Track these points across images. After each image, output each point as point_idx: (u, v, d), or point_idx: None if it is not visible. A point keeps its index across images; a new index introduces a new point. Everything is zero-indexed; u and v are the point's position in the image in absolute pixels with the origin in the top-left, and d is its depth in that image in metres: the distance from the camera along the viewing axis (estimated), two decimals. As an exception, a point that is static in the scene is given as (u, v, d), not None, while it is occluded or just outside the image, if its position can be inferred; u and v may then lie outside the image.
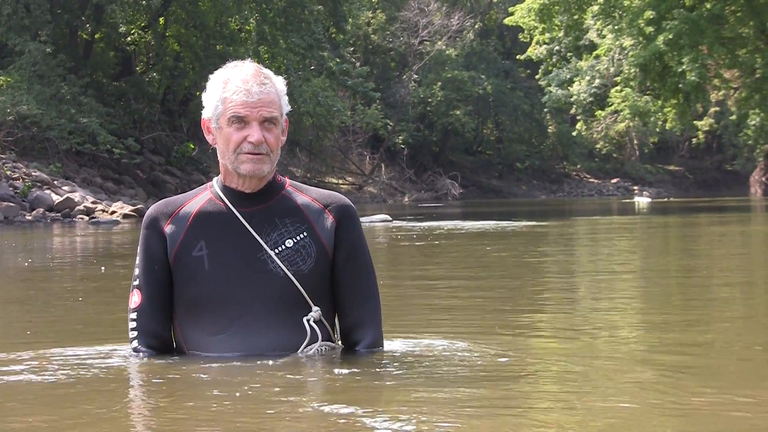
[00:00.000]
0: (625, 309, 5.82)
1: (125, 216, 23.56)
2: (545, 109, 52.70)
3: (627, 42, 32.77)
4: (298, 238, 3.45)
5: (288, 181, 3.57)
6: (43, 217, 22.91)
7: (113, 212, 23.84)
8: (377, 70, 52.85)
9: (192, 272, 3.43)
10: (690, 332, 4.71)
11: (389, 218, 20.37)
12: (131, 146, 29.80)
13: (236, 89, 3.40)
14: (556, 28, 35.96)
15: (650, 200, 37.48)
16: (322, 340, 3.45)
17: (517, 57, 45.87)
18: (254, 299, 3.40)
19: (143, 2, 34.07)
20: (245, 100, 3.38)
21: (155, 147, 33.83)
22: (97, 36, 34.96)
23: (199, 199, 3.52)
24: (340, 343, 3.55)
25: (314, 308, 3.44)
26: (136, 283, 3.51)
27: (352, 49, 49.78)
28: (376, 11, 53.68)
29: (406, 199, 46.83)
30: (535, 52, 41.05)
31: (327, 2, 37.91)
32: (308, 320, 3.43)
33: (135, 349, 3.51)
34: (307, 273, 3.43)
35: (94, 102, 29.95)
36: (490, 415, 2.78)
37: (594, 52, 38.32)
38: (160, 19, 35.10)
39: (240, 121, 3.39)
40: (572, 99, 41.19)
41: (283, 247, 3.43)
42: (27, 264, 10.43)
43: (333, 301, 3.52)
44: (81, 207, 23.78)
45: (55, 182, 25.42)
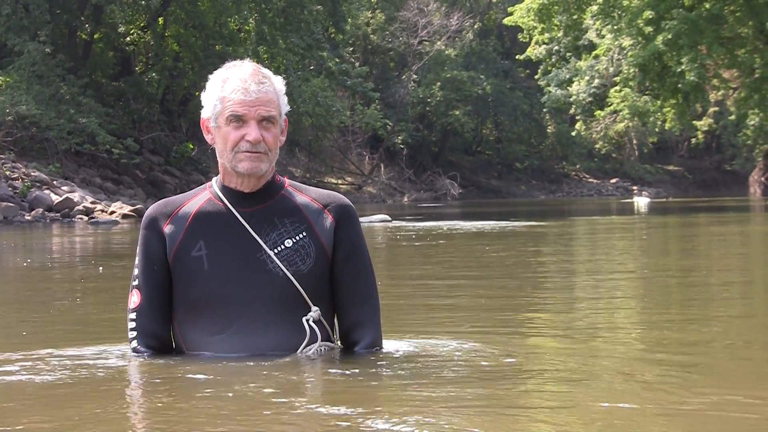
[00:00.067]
0: (624, 309, 5.82)
1: (124, 216, 23.55)
2: (544, 109, 52.70)
3: (626, 42, 32.78)
4: (298, 238, 3.44)
5: (287, 181, 3.57)
6: (42, 217, 22.90)
7: (112, 212, 23.84)
8: (376, 70, 52.86)
9: (191, 272, 3.43)
10: (690, 331, 4.70)
11: (388, 218, 20.36)
12: (130, 146, 29.79)
13: (234, 88, 3.39)
14: (556, 28, 35.97)
15: (649, 200, 37.47)
16: (322, 340, 3.44)
17: (517, 57, 45.86)
18: (253, 299, 3.40)
19: (142, 2, 34.08)
20: (243, 99, 3.38)
21: (154, 147, 33.84)
22: (96, 36, 34.96)
23: (199, 199, 3.52)
24: (339, 343, 3.55)
25: (313, 308, 3.44)
26: (135, 283, 3.50)
27: (351, 49, 49.78)
28: (376, 11, 53.69)
29: (406, 199, 46.84)
30: (534, 52, 41.03)
31: (326, 2, 37.91)
32: (307, 320, 3.42)
33: (134, 350, 3.51)
34: (306, 273, 3.42)
35: (93, 102, 29.94)
36: (490, 414, 2.78)
37: (593, 52, 38.31)
38: (160, 19, 35.10)
39: (238, 120, 3.39)
40: (571, 99, 41.17)
41: (283, 247, 3.43)
42: (26, 264, 10.43)
43: (332, 301, 3.51)
44: (80, 207, 23.76)
45: (55, 182, 25.42)
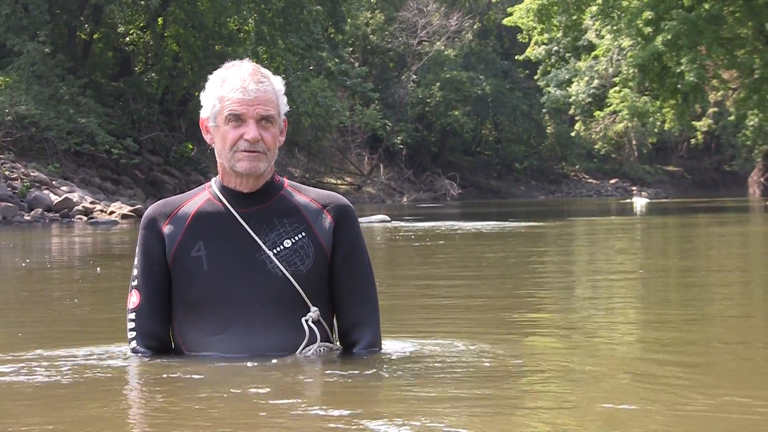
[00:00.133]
0: (624, 309, 5.82)
1: (124, 216, 23.54)
2: (544, 110, 52.64)
3: (626, 42, 32.78)
4: (297, 238, 3.44)
5: (287, 181, 3.57)
6: (41, 217, 22.89)
7: (112, 212, 23.82)
8: (376, 70, 52.85)
9: (190, 272, 3.42)
10: (689, 331, 4.70)
11: (388, 219, 20.36)
12: (130, 146, 29.77)
13: (233, 87, 3.39)
14: (555, 28, 35.96)
15: (648, 200, 37.48)
16: (321, 340, 3.44)
17: (516, 57, 45.83)
18: (253, 299, 3.40)
19: (142, 2, 34.07)
20: (242, 98, 3.38)
21: (154, 147, 33.83)
22: (95, 36, 34.94)
23: (198, 199, 3.52)
24: (338, 343, 3.54)
25: (312, 308, 3.43)
26: (134, 283, 3.50)
27: (350, 49, 49.77)
28: (375, 11, 53.69)
29: (405, 200, 46.83)
30: (533, 52, 41.01)
31: (326, 2, 37.90)
32: (307, 320, 3.42)
33: (134, 350, 3.50)
34: (305, 273, 3.42)
35: (93, 102, 29.92)
36: (490, 414, 2.78)
37: (593, 53, 38.30)
38: (159, 19, 35.09)
39: (237, 119, 3.39)
40: (571, 99, 41.15)
41: (282, 247, 3.42)
42: (25, 264, 10.42)
43: (331, 302, 3.51)
44: (79, 207, 23.75)
45: (54, 182, 25.40)
